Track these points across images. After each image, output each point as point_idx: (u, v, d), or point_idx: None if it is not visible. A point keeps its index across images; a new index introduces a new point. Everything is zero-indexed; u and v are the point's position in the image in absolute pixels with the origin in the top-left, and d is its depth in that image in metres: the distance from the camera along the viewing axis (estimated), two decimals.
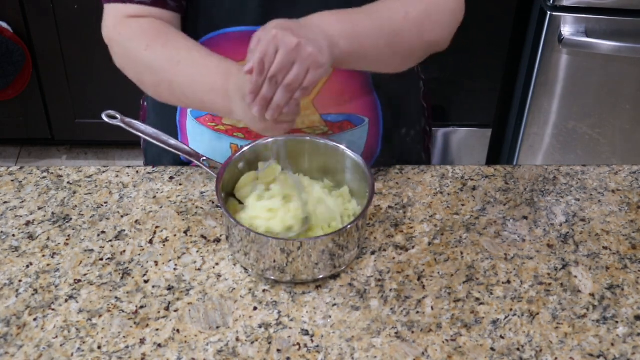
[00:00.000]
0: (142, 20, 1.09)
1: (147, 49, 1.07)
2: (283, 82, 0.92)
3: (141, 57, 1.08)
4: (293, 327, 1.00)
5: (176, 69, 1.06)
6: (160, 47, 1.07)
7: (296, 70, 0.91)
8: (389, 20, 1.04)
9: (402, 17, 1.05)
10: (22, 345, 0.97)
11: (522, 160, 2.32)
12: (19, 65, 2.39)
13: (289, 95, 0.93)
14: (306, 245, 1.01)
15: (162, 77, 1.08)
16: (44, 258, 1.09)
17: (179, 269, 1.07)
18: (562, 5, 2.03)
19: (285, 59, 0.90)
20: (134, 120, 1.17)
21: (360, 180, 1.11)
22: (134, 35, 1.08)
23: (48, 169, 1.24)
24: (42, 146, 2.77)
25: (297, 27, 0.93)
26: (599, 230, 1.16)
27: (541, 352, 0.98)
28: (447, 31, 1.11)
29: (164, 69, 1.07)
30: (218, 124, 1.20)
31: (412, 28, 1.06)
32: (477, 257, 1.11)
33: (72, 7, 2.34)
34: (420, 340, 0.99)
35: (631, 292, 1.06)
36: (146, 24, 1.09)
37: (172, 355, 0.96)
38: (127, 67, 1.12)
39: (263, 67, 0.91)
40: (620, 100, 2.17)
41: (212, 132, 1.22)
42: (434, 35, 1.09)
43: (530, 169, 1.28)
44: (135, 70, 1.11)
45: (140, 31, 1.08)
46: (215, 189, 1.05)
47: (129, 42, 1.09)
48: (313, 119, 1.19)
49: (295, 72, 0.91)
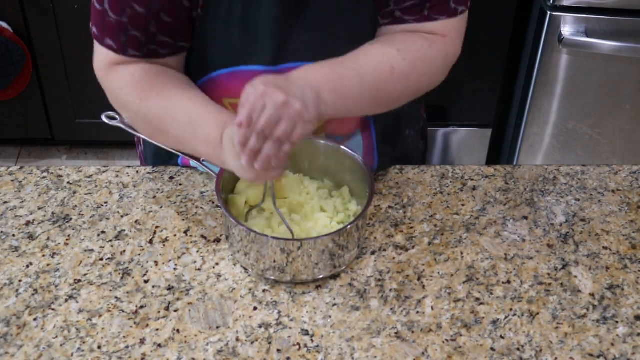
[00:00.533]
0: (133, 67, 1.08)
1: (140, 102, 1.07)
2: (272, 136, 0.94)
3: (134, 108, 1.09)
4: (293, 327, 1.00)
5: (171, 119, 1.06)
6: (154, 97, 1.07)
7: (284, 126, 0.93)
8: (374, 76, 1.05)
9: (387, 73, 1.06)
10: (22, 345, 0.97)
11: (522, 160, 2.32)
12: (19, 65, 2.39)
13: (277, 147, 0.94)
14: (306, 245, 1.01)
15: (157, 127, 1.09)
16: (44, 258, 1.09)
17: (179, 269, 1.07)
18: (562, 5, 2.03)
19: (272, 115, 0.92)
20: None
21: (360, 180, 1.11)
22: (126, 86, 1.08)
23: (48, 169, 1.24)
24: (42, 146, 2.77)
25: (284, 83, 0.95)
26: (599, 230, 1.16)
27: (541, 352, 0.98)
28: (435, 79, 1.13)
29: (159, 119, 1.07)
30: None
31: (398, 82, 1.08)
32: (477, 257, 1.11)
33: (72, 7, 2.34)
34: (420, 340, 0.99)
35: (631, 292, 1.07)
36: (137, 72, 1.08)
37: (172, 355, 0.96)
38: (121, 111, 1.14)
39: (251, 121, 0.93)
40: (620, 100, 2.17)
41: None
42: (421, 85, 1.11)
43: (530, 169, 1.28)
44: (129, 117, 1.13)
45: (132, 82, 1.08)
46: (215, 189, 1.05)
47: (120, 92, 1.09)
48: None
49: (283, 127, 0.93)
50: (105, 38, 1.07)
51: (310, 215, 1.10)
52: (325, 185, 1.16)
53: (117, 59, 1.08)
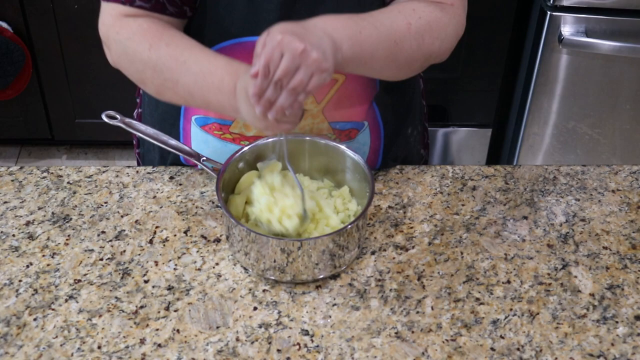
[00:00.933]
0: (140, 19, 1.08)
1: (150, 49, 1.06)
2: (287, 86, 0.92)
3: (144, 57, 1.07)
4: (293, 327, 1.00)
5: (182, 67, 1.05)
6: (165, 47, 1.06)
7: (301, 75, 0.92)
8: (391, 29, 1.05)
9: (404, 28, 1.06)
10: (22, 345, 0.97)
11: (522, 160, 2.32)
12: (19, 65, 2.39)
13: (293, 98, 0.93)
14: (306, 245, 1.01)
15: (167, 77, 1.06)
16: (44, 258, 1.09)
17: (179, 269, 1.07)
18: (562, 5, 2.03)
19: (290, 64, 0.91)
20: (134, 121, 1.17)
21: (361, 180, 1.11)
22: (134, 35, 1.07)
23: (48, 169, 1.24)
24: (42, 146, 2.77)
25: (302, 31, 0.94)
26: (599, 230, 1.16)
27: (541, 352, 0.98)
28: (446, 45, 1.12)
29: (169, 68, 1.06)
30: (225, 132, 1.20)
31: (413, 39, 1.07)
32: (477, 257, 1.11)
33: (72, 7, 2.34)
34: (420, 340, 0.99)
35: (631, 292, 1.06)
36: (145, 23, 1.07)
37: (172, 355, 0.96)
38: (126, 66, 1.11)
39: (268, 72, 0.91)
40: (620, 100, 2.17)
41: (218, 139, 1.21)
42: (434, 48, 1.11)
43: (530, 169, 1.28)
44: (136, 69, 1.10)
45: (141, 31, 1.07)
46: (216, 189, 1.05)
47: (128, 42, 1.08)
48: (322, 127, 1.19)
49: (299, 77, 0.92)
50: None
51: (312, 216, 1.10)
52: (325, 185, 1.16)
53: (125, 10, 1.08)
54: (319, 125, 1.19)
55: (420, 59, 1.10)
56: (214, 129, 1.20)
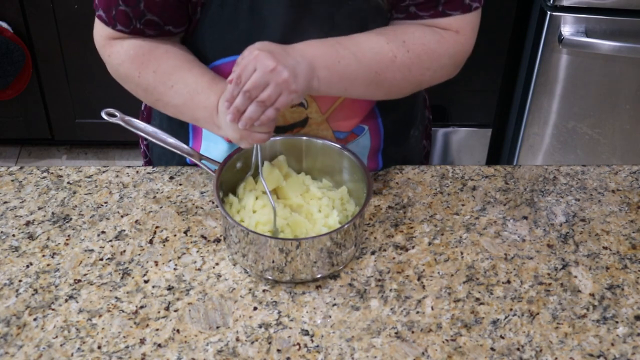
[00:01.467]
0: (127, 42, 1.12)
1: (139, 77, 1.12)
2: (256, 98, 0.98)
3: (135, 81, 1.13)
4: (293, 327, 1.00)
5: (170, 92, 1.10)
6: (152, 74, 1.11)
7: (269, 91, 0.98)
8: (373, 61, 1.07)
9: (388, 60, 1.08)
10: (22, 345, 0.97)
11: (522, 160, 2.32)
12: (19, 65, 2.39)
13: (260, 110, 0.99)
14: (304, 244, 1.01)
15: (158, 98, 1.13)
16: (44, 258, 1.09)
17: (179, 269, 1.07)
18: (562, 5, 2.03)
19: (260, 79, 0.97)
20: (133, 119, 1.17)
21: (359, 180, 1.11)
22: (124, 62, 1.12)
23: (48, 169, 1.24)
24: (42, 146, 2.77)
25: (279, 52, 0.99)
26: (599, 230, 1.16)
27: (541, 352, 0.98)
28: (439, 74, 1.13)
29: (158, 92, 1.12)
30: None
31: (397, 70, 1.09)
32: (477, 257, 1.11)
33: (72, 7, 2.34)
34: (420, 340, 0.99)
35: (631, 292, 1.06)
36: (132, 48, 1.12)
37: (172, 355, 0.96)
38: (120, 82, 1.17)
39: (240, 81, 0.98)
40: (620, 100, 2.17)
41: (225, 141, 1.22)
42: (424, 78, 1.12)
43: (530, 169, 1.28)
44: (129, 88, 1.16)
45: (128, 58, 1.12)
46: (214, 189, 1.05)
47: (119, 67, 1.13)
48: (325, 134, 1.20)
49: (268, 92, 0.98)
50: (98, 9, 1.11)
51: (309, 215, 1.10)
52: (324, 185, 1.16)
53: (110, 33, 1.12)
54: (323, 132, 1.20)
55: (408, 87, 1.13)
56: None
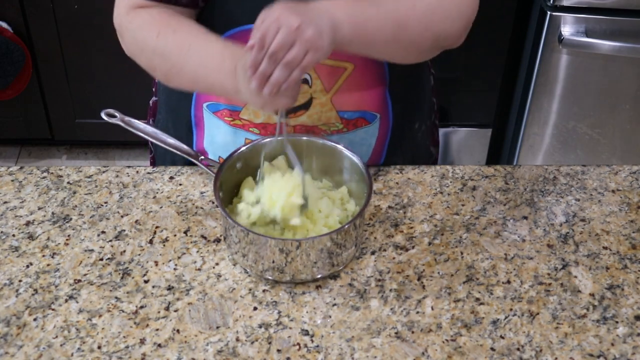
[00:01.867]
0: (152, 9, 1.12)
1: (158, 37, 1.10)
2: (282, 60, 0.94)
3: (152, 45, 1.11)
4: (293, 327, 1.00)
5: (187, 54, 1.08)
6: (171, 34, 1.10)
7: (295, 50, 0.94)
8: (395, 11, 1.06)
9: (408, 9, 1.07)
10: (22, 345, 0.97)
11: (522, 160, 2.32)
12: (19, 65, 2.39)
13: (287, 72, 0.95)
14: (304, 244, 1.01)
15: (173, 63, 1.10)
16: (44, 258, 1.09)
17: (179, 269, 1.07)
18: (562, 5, 2.03)
19: (285, 39, 0.93)
20: (133, 119, 1.17)
21: (359, 180, 1.11)
22: (144, 24, 1.12)
23: (48, 169, 1.24)
24: (42, 146, 2.77)
25: (301, 9, 0.96)
26: (599, 230, 1.16)
27: (541, 352, 0.98)
28: (456, 25, 1.12)
29: (174, 54, 1.10)
30: (235, 118, 1.21)
31: (419, 20, 1.07)
32: (477, 257, 1.11)
33: (72, 7, 2.34)
34: (420, 340, 0.99)
35: (631, 292, 1.06)
36: (156, 13, 1.12)
37: (172, 355, 0.96)
38: (138, 54, 1.15)
39: (263, 44, 0.94)
40: (620, 100, 2.17)
41: (229, 126, 1.22)
42: (441, 28, 1.10)
43: (530, 169, 1.28)
44: (145, 57, 1.14)
45: (151, 20, 1.11)
46: (213, 189, 1.05)
47: (139, 30, 1.12)
48: (329, 116, 1.19)
49: (294, 52, 0.94)
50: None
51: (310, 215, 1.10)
52: (324, 185, 1.16)
53: (138, 2, 1.12)
54: (327, 113, 1.19)
55: (429, 39, 1.10)
56: (225, 115, 1.22)
